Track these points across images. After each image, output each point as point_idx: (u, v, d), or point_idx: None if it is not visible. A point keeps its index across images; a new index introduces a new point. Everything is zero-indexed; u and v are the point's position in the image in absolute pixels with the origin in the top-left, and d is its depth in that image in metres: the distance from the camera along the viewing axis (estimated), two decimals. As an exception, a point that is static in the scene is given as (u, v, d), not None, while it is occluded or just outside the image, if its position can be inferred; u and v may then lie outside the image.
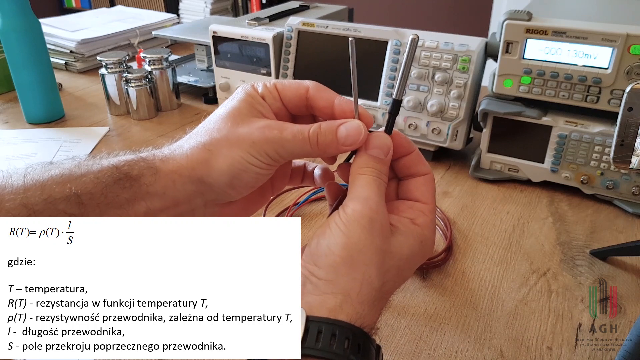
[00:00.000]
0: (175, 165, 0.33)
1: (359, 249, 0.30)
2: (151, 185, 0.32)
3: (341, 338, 0.28)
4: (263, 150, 0.33)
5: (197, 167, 0.33)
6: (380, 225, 0.31)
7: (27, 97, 0.94)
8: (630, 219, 0.66)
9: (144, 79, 0.96)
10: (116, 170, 0.32)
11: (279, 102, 0.36)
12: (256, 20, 0.91)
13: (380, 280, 0.31)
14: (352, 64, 0.34)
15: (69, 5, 3.04)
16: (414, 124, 0.77)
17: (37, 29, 0.90)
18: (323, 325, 0.29)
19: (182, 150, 0.34)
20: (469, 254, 0.60)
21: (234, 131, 0.33)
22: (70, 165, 0.32)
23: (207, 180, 0.33)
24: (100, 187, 0.31)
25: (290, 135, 0.33)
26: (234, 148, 0.33)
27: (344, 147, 0.34)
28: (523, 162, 0.73)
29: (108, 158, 0.33)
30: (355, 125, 0.33)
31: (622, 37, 0.60)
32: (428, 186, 0.35)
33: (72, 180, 0.31)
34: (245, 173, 0.33)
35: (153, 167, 0.33)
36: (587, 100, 0.65)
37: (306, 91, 0.35)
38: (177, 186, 0.33)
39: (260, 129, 0.33)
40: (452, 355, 0.46)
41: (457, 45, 0.72)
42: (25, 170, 0.32)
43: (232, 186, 0.34)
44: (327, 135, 0.33)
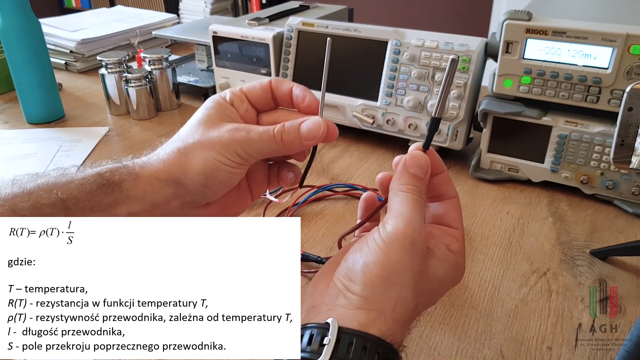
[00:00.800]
0: (153, 170, 0.36)
1: (398, 269, 0.31)
2: (132, 189, 0.35)
3: (371, 351, 0.29)
4: (233, 150, 0.35)
5: (173, 170, 0.36)
6: (421, 247, 0.32)
7: (27, 97, 0.94)
8: (630, 219, 0.66)
9: (144, 79, 0.96)
10: (99, 177, 0.34)
11: (246, 103, 0.39)
12: (256, 20, 0.91)
13: (414, 301, 0.31)
14: (326, 63, 0.37)
15: (69, 5, 3.04)
16: (414, 124, 0.77)
17: (37, 29, 0.90)
18: (355, 337, 0.29)
19: (159, 156, 0.37)
20: (469, 254, 0.60)
21: (206, 135, 0.36)
22: (55, 174, 0.35)
23: (183, 182, 0.36)
24: (84, 193, 0.33)
25: (256, 135, 0.36)
26: (206, 150, 0.35)
27: (306, 142, 0.36)
28: (523, 162, 0.73)
29: (92, 167, 0.36)
30: (316, 121, 0.36)
31: (622, 37, 0.60)
32: (457, 211, 0.36)
33: (58, 187, 0.33)
34: (218, 172, 0.36)
35: (133, 173, 0.35)
36: (587, 100, 0.65)
37: (269, 84, 0.39)
38: (155, 189, 0.35)
39: (229, 132, 0.36)
40: (452, 355, 0.46)
41: (457, 45, 0.72)
42: (13, 180, 0.34)
43: (207, 186, 0.36)
44: (291, 132, 0.36)
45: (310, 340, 0.29)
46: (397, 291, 0.31)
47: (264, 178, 0.42)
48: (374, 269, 0.31)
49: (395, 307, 0.30)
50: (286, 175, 0.41)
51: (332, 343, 0.29)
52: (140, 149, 0.38)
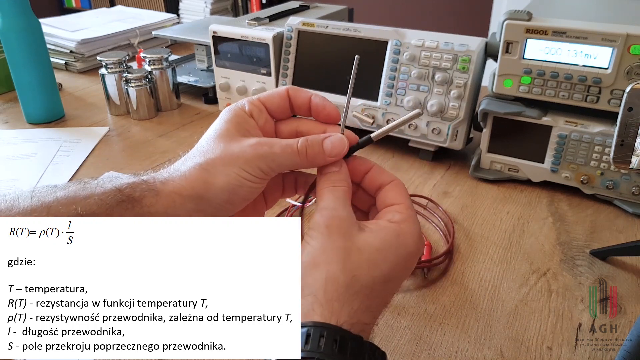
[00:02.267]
0: (175, 186, 0.35)
1: (320, 252, 0.33)
2: (152, 206, 0.34)
3: (315, 336, 0.29)
4: (256, 165, 0.36)
5: (196, 186, 0.35)
6: (338, 227, 0.34)
7: (27, 97, 0.94)
8: (630, 219, 0.66)
9: (144, 79, 0.96)
10: (119, 192, 0.34)
11: (265, 113, 0.39)
12: (256, 20, 0.91)
13: (346, 276, 0.32)
14: (352, 81, 0.38)
15: (69, 5, 3.04)
16: (414, 123, 0.77)
17: (37, 29, 0.90)
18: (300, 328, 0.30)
19: (180, 172, 0.36)
20: (469, 254, 0.60)
21: (227, 150, 0.36)
22: (74, 187, 0.34)
23: (206, 197, 0.36)
24: (104, 209, 0.33)
25: (279, 150, 0.36)
26: (228, 166, 0.35)
27: (329, 158, 0.37)
28: (523, 162, 0.73)
29: (111, 181, 0.35)
30: (340, 138, 0.37)
31: (622, 37, 0.60)
32: (397, 189, 0.37)
33: (77, 202, 0.33)
34: (241, 188, 0.36)
35: (154, 189, 0.35)
36: (587, 100, 0.65)
37: (286, 93, 0.39)
38: (177, 205, 0.35)
39: (251, 147, 0.36)
40: (452, 355, 0.46)
41: (457, 45, 0.72)
42: (32, 192, 0.33)
43: (230, 201, 0.36)
44: (315, 147, 0.37)
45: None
46: (325, 270, 0.32)
47: (279, 186, 0.42)
48: (302, 257, 0.33)
49: (326, 286, 0.31)
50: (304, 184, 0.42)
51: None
52: (141, 149, 0.38)
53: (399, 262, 0.34)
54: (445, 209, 0.68)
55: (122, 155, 0.84)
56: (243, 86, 0.90)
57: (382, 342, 0.48)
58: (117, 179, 0.35)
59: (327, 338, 0.29)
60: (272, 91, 0.40)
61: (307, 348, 0.29)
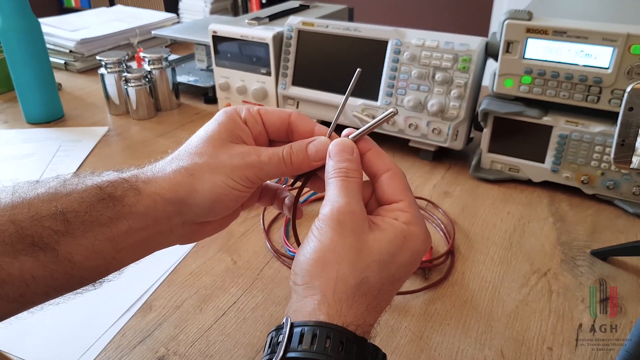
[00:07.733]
0: (157, 187, 0.35)
1: (331, 249, 0.31)
2: (134, 205, 0.34)
3: (322, 337, 0.29)
4: (243, 174, 0.35)
5: (179, 190, 0.35)
6: (351, 224, 0.32)
7: (27, 97, 0.94)
8: (631, 219, 0.66)
9: (144, 79, 0.96)
10: (100, 190, 0.33)
11: (261, 126, 0.38)
12: (256, 20, 0.90)
13: (356, 277, 0.31)
14: (349, 90, 0.37)
15: (69, 5, 3.04)
16: (414, 123, 0.77)
17: (37, 29, 0.90)
18: (305, 327, 0.29)
19: (165, 173, 0.35)
20: (470, 254, 0.60)
21: (215, 156, 0.35)
22: (55, 184, 0.34)
23: (188, 202, 0.35)
24: (84, 206, 0.33)
25: (266, 158, 0.36)
26: (215, 173, 0.35)
27: (314, 163, 0.37)
28: (523, 162, 0.73)
29: (92, 178, 0.35)
30: (323, 142, 0.37)
31: (623, 37, 0.60)
32: (396, 182, 0.36)
33: (58, 198, 0.32)
34: (226, 196, 0.35)
35: (136, 189, 0.34)
36: (587, 100, 0.65)
37: (288, 117, 0.38)
38: (158, 207, 0.35)
39: (239, 155, 0.35)
40: (452, 355, 0.46)
41: (457, 45, 0.72)
42: (13, 188, 0.33)
43: (213, 209, 0.36)
44: (299, 154, 0.36)
45: (270, 343, 0.30)
46: (335, 270, 0.31)
47: (257, 191, 0.42)
48: (310, 255, 0.32)
49: (336, 287, 0.31)
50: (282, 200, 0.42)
51: (284, 340, 0.29)
52: (140, 148, 0.38)
53: (406, 263, 0.34)
54: (445, 209, 0.68)
55: (122, 155, 0.84)
56: (243, 86, 0.90)
57: (383, 342, 0.48)
58: (99, 176, 0.35)
59: (333, 339, 0.29)
60: (275, 110, 0.39)
61: (314, 349, 0.28)
